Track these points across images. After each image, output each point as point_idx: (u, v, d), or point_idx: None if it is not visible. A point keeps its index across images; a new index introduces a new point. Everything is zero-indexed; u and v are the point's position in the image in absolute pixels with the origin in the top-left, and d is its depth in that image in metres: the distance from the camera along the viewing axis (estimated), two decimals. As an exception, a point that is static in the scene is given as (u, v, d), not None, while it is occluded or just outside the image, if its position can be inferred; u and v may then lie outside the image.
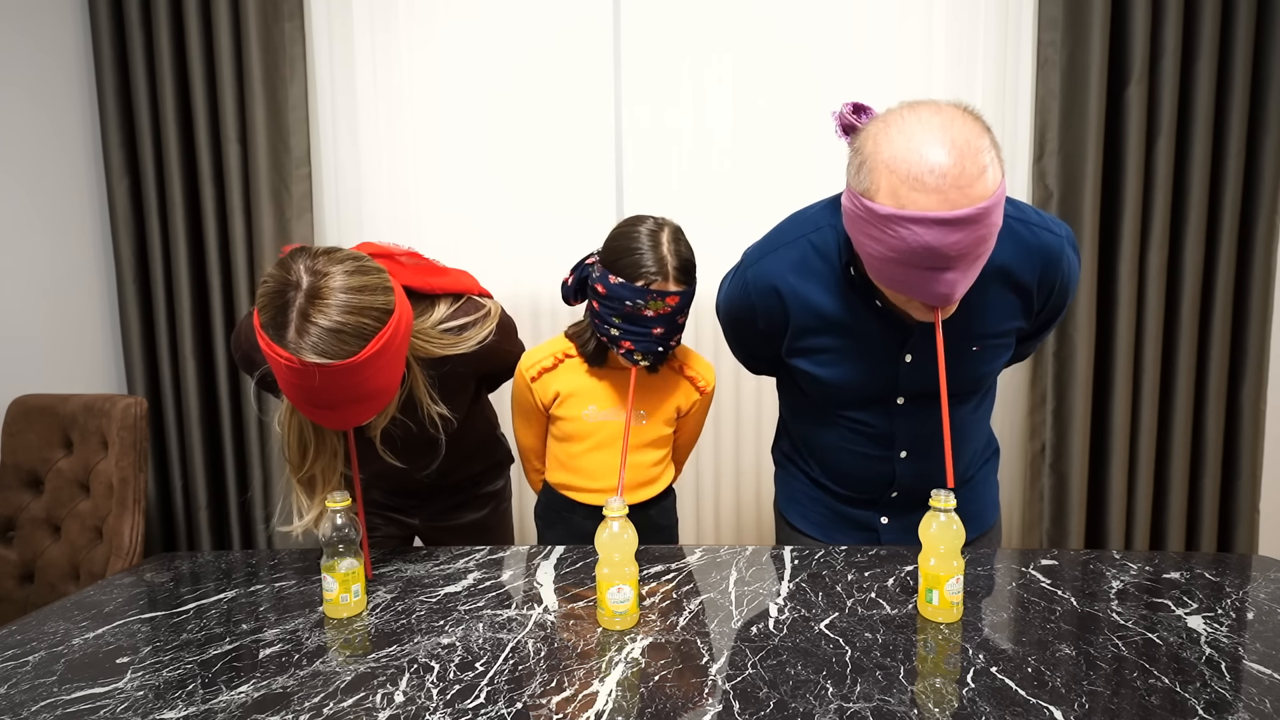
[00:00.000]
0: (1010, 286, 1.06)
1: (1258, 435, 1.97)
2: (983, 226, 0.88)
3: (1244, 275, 1.93)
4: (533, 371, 1.39)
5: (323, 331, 0.92)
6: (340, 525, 1.02)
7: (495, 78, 2.03)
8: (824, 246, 1.09)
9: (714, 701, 0.81)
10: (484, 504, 1.46)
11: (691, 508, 2.18)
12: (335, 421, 1.02)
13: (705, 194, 2.04)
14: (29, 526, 1.72)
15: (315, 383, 0.94)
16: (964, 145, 0.85)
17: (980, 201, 0.86)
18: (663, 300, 1.23)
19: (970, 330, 1.07)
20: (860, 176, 0.92)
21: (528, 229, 2.07)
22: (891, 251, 0.91)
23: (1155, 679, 0.83)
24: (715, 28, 1.99)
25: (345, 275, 0.96)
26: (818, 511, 1.30)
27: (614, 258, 1.26)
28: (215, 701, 0.84)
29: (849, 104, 1.02)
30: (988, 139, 0.88)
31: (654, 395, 1.40)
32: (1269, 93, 1.83)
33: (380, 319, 0.97)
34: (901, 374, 1.11)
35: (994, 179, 0.87)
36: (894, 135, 0.88)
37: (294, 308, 0.92)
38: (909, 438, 1.16)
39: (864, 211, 0.91)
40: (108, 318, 2.12)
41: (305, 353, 0.92)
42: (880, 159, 0.88)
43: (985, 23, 1.95)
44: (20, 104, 1.89)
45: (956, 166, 0.85)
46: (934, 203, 0.86)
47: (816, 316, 1.10)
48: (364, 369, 0.96)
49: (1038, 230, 1.05)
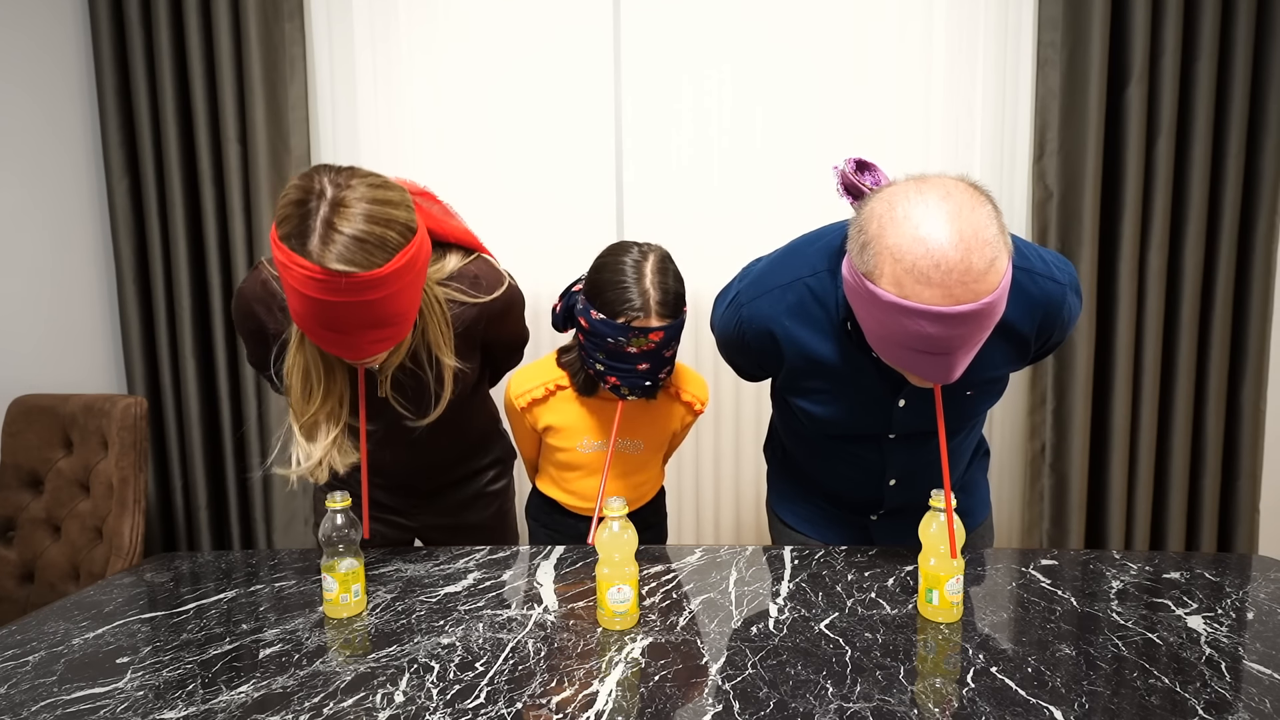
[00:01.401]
0: (1007, 338, 1.04)
1: (1258, 435, 1.97)
2: (987, 318, 0.86)
3: (1244, 275, 1.93)
4: (523, 401, 1.36)
5: (348, 239, 0.89)
6: (340, 525, 1.02)
7: (495, 79, 2.03)
8: (821, 294, 1.05)
9: (714, 701, 0.81)
10: (488, 504, 1.44)
11: (691, 508, 2.18)
12: (349, 350, 0.98)
13: (705, 196, 2.05)
14: (29, 526, 1.72)
15: (335, 297, 0.91)
16: (971, 238, 0.82)
17: (985, 296, 0.84)
18: (645, 337, 1.18)
19: (965, 378, 1.05)
20: (864, 257, 0.88)
21: (528, 230, 2.07)
22: (892, 335, 0.89)
23: (1155, 679, 0.83)
24: (715, 28, 1.99)
25: (369, 188, 0.93)
26: (809, 509, 1.31)
27: (595, 291, 1.21)
28: (215, 701, 0.84)
29: (851, 161, 0.99)
30: (995, 226, 0.85)
31: (649, 423, 1.37)
32: (1269, 93, 1.83)
33: (404, 235, 0.94)
34: (895, 416, 1.10)
35: (1000, 269, 0.84)
36: (900, 221, 0.85)
37: (317, 215, 0.89)
38: (899, 468, 1.16)
39: (865, 292, 0.89)
40: (108, 318, 2.12)
41: (330, 260, 0.88)
42: (884, 244, 0.85)
43: (985, 23, 1.95)
44: (20, 104, 1.89)
45: (963, 262, 0.82)
46: (938, 297, 0.83)
47: (811, 362, 1.08)
48: (387, 284, 0.93)
49: (1041, 280, 1.02)
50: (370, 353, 0.99)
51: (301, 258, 0.90)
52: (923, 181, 0.88)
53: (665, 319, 1.20)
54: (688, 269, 2.01)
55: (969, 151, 1.99)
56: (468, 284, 1.15)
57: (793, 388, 1.14)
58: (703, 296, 2.06)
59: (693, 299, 2.06)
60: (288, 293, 0.95)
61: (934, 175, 0.89)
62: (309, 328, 0.96)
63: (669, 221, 2.05)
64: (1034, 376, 2.00)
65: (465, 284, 1.14)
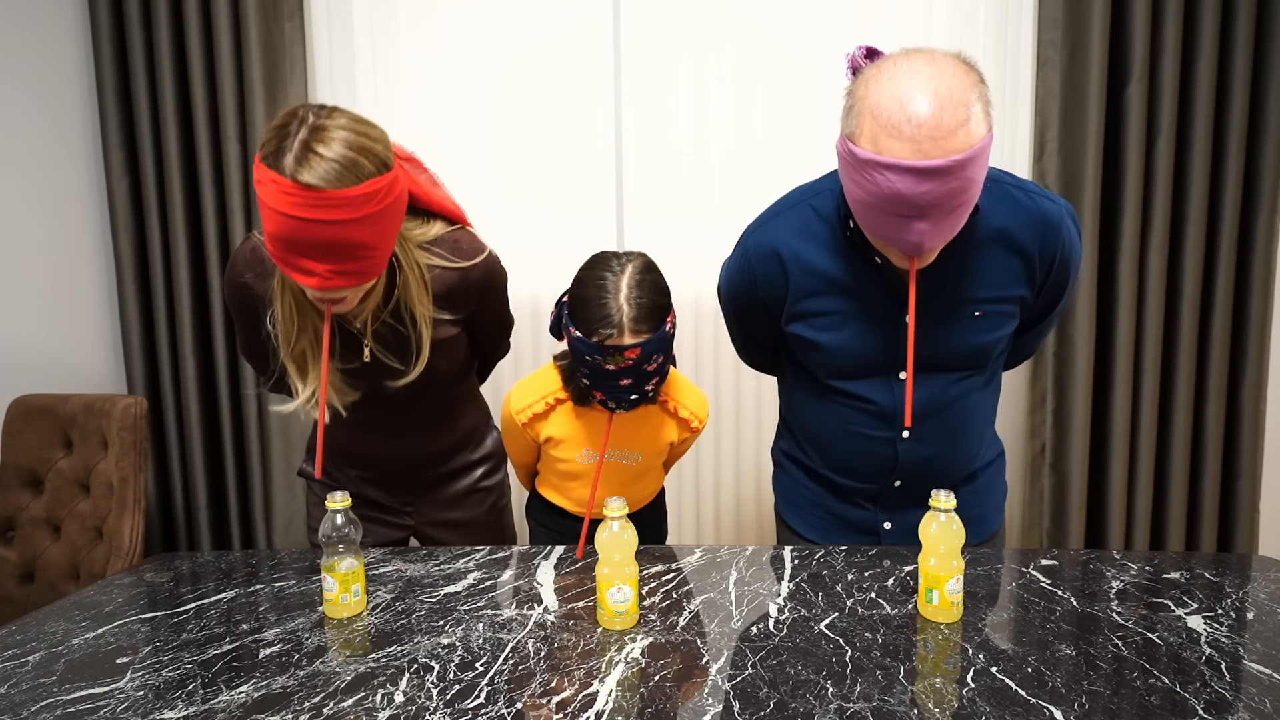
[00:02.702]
0: (1009, 250, 1.07)
1: (1258, 435, 1.97)
2: (956, 179, 0.88)
3: (1244, 275, 1.93)
4: (524, 416, 1.34)
5: (320, 160, 0.94)
6: (340, 525, 1.02)
7: (495, 78, 2.03)
8: (824, 210, 1.10)
9: (714, 701, 0.81)
10: (481, 501, 1.44)
11: (691, 508, 2.18)
12: (309, 277, 1.00)
13: (705, 196, 2.04)
14: (29, 526, 1.72)
15: (301, 213, 0.94)
16: (946, 97, 0.86)
17: (955, 154, 0.87)
18: (621, 354, 1.16)
19: (970, 294, 1.07)
20: (849, 119, 0.94)
21: (528, 229, 2.07)
22: (868, 195, 0.93)
23: (1155, 679, 0.83)
24: (715, 28, 1.99)
25: (350, 120, 0.99)
26: (818, 515, 1.29)
27: (573, 307, 1.20)
28: (215, 701, 0.84)
29: (862, 47, 1.02)
30: (976, 92, 0.89)
31: (646, 437, 1.36)
32: (1269, 92, 1.83)
33: (378, 168, 0.98)
34: (904, 338, 1.10)
35: (975, 133, 0.88)
36: (883, 81, 0.90)
37: (296, 137, 0.94)
38: (914, 414, 1.13)
39: (847, 153, 0.94)
40: (108, 318, 2.13)
41: (302, 174, 0.93)
42: (866, 104, 0.91)
43: (985, 23, 1.95)
44: (21, 104, 1.90)
45: (934, 118, 0.86)
46: (907, 151, 0.87)
47: (817, 278, 1.11)
48: (352, 207, 0.95)
49: (1037, 198, 1.07)
50: (328, 285, 1.01)
51: (275, 172, 0.94)
52: (914, 50, 0.93)
53: (641, 335, 1.16)
54: (688, 269, 2.03)
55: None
56: (448, 249, 1.18)
57: (799, 315, 1.15)
58: (703, 297, 2.06)
59: (693, 299, 2.06)
60: (263, 214, 0.98)
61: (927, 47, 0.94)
62: (275, 251, 0.99)
63: (669, 221, 2.05)
64: (1034, 376, 2.00)
65: (446, 249, 1.18)
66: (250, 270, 1.17)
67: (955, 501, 0.96)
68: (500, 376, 2.11)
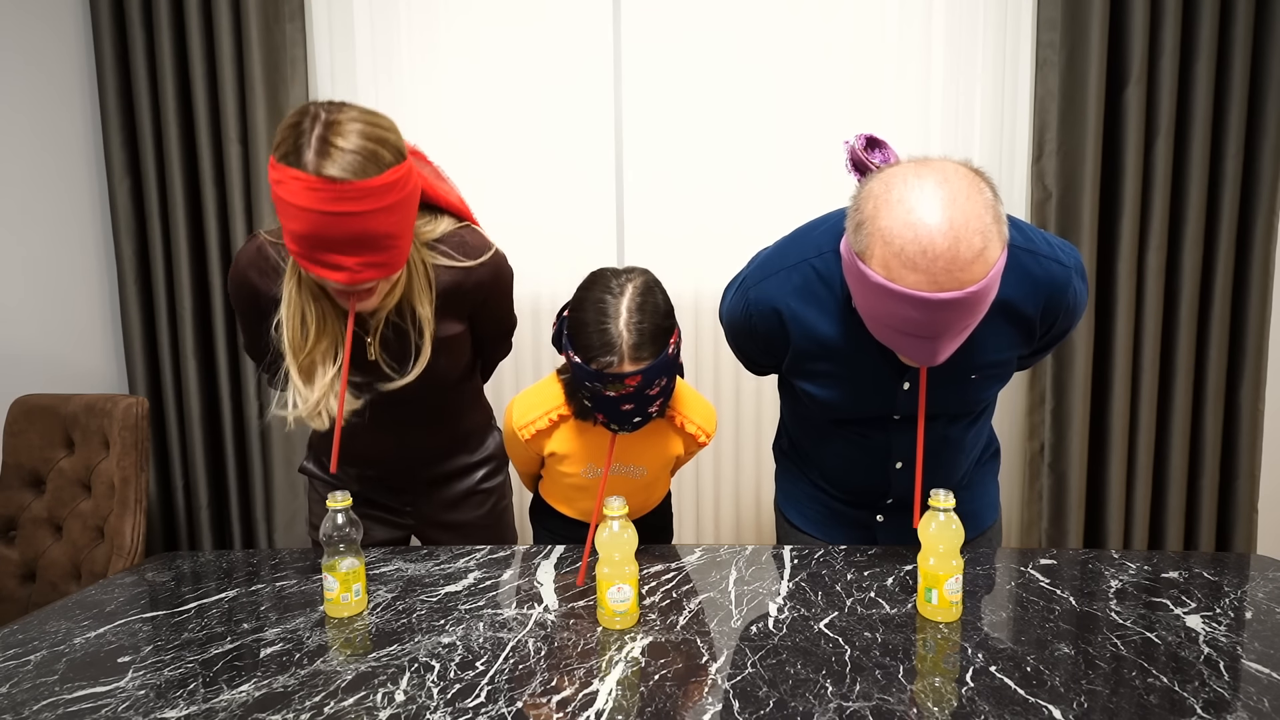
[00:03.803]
0: (1011, 320, 1.05)
1: (1256, 435, 1.97)
2: (971, 307, 0.87)
3: (1242, 275, 1.93)
4: (527, 432, 1.29)
5: (341, 152, 0.93)
6: (340, 525, 1.02)
7: (495, 78, 2.04)
8: (827, 273, 1.07)
9: (714, 700, 0.82)
10: (482, 502, 1.43)
11: (691, 508, 2.18)
12: (341, 273, 0.99)
13: (706, 197, 2.05)
14: (30, 526, 1.72)
15: (331, 207, 0.94)
16: (962, 226, 0.83)
17: (971, 285, 0.84)
18: (621, 382, 1.11)
19: (969, 361, 1.06)
20: (858, 237, 0.90)
21: (528, 229, 2.07)
22: (878, 314, 0.91)
23: (1154, 678, 0.83)
24: (715, 28, 1.99)
25: (361, 112, 0.98)
26: (815, 510, 1.31)
27: (572, 329, 1.15)
28: (216, 700, 0.84)
29: (861, 137, 1.00)
30: (991, 215, 0.85)
31: (652, 452, 1.34)
32: (1268, 93, 1.84)
33: (396, 156, 0.99)
34: (900, 399, 1.11)
35: (990, 259, 0.85)
36: (893, 203, 0.86)
37: (312, 133, 0.94)
38: (905, 450, 1.16)
39: (856, 272, 0.91)
40: (109, 318, 2.13)
41: (326, 168, 0.92)
42: (877, 226, 0.87)
43: (985, 23, 1.95)
44: (22, 104, 1.90)
45: (950, 250, 0.82)
46: (922, 283, 0.84)
47: (817, 343, 1.09)
48: (379, 196, 0.96)
49: (1045, 262, 1.03)
50: (360, 277, 1.01)
51: (298, 169, 0.93)
52: (923, 165, 0.89)
53: (642, 362, 1.11)
54: (688, 269, 2.03)
55: (968, 152, 2.00)
56: (455, 247, 1.18)
57: (799, 370, 1.14)
58: (704, 297, 2.06)
59: (693, 299, 2.06)
60: (284, 215, 0.97)
61: (936, 159, 0.90)
62: (300, 250, 0.99)
63: (669, 221, 2.06)
64: (1033, 376, 2.01)
65: (453, 247, 1.18)
66: (255, 269, 1.16)
67: (954, 501, 0.97)
68: (501, 378, 2.11)
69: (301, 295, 1.11)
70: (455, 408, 1.34)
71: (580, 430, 1.29)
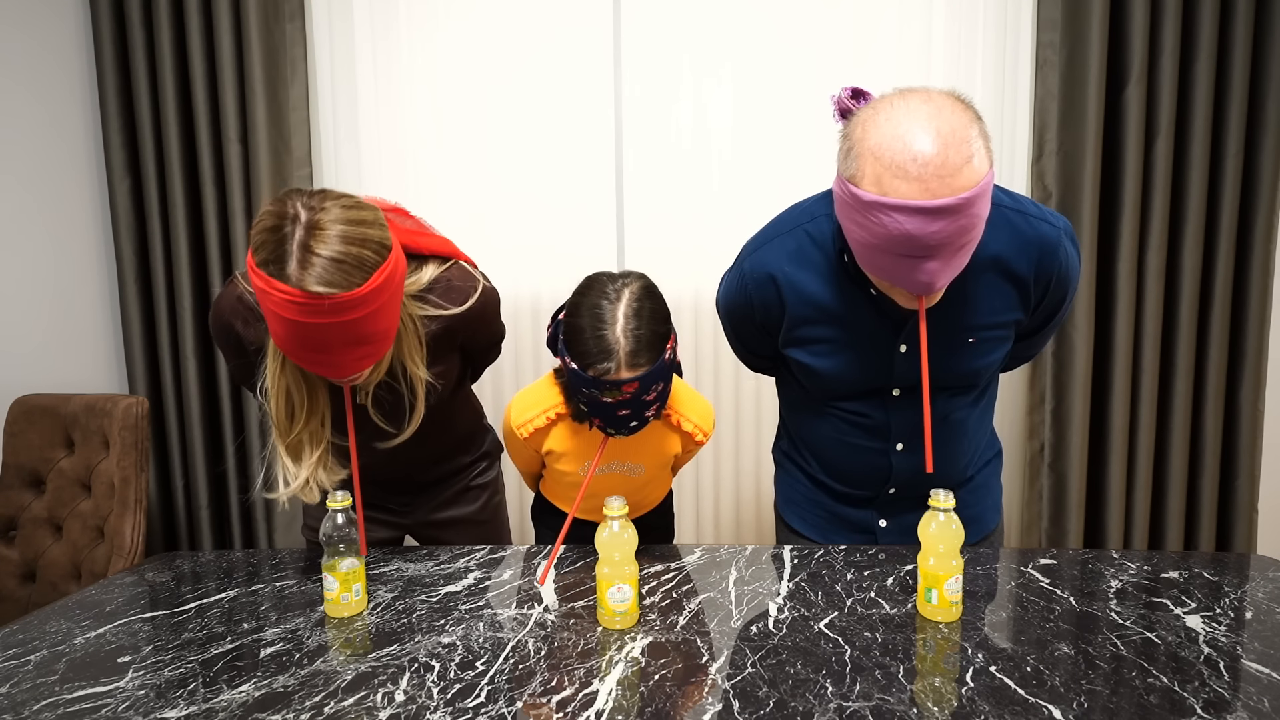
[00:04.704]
0: (1005, 277, 1.06)
1: (1256, 435, 1.97)
2: (964, 216, 0.88)
3: (1242, 275, 1.93)
4: (525, 431, 1.29)
5: (325, 261, 0.90)
6: (340, 525, 1.02)
7: (495, 78, 2.04)
8: (819, 236, 1.09)
9: (714, 700, 0.82)
10: (475, 497, 1.44)
11: (691, 508, 2.18)
12: (332, 369, 0.99)
13: (705, 194, 2.05)
14: (31, 526, 1.72)
15: (317, 319, 0.92)
16: (949, 135, 0.86)
17: (962, 192, 0.86)
18: (618, 389, 1.10)
19: (965, 321, 1.07)
20: (848, 162, 0.93)
21: (528, 229, 2.08)
22: (874, 238, 0.92)
23: (1154, 678, 0.83)
24: (715, 28, 1.99)
25: (342, 209, 0.95)
26: (815, 513, 1.30)
27: (568, 334, 1.14)
28: (216, 700, 0.84)
29: (847, 89, 1.02)
30: (976, 129, 0.89)
31: (650, 451, 1.33)
32: (1267, 93, 1.84)
33: (380, 253, 0.96)
34: (896, 364, 1.11)
35: (979, 169, 0.87)
36: (881, 122, 0.89)
37: (294, 240, 0.91)
38: (905, 430, 1.16)
39: (849, 197, 0.92)
40: (109, 318, 2.13)
41: (309, 283, 0.90)
42: (866, 145, 0.90)
43: (984, 23, 1.95)
44: (22, 104, 1.90)
45: (939, 156, 0.85)
46: (915, 191, 0.86)
47: (812, 306, 1.10)
48: (367, 303, 0.94)
49: (1035, 221, 1.06)
50: (354, 370, 1.01)
51: (281, 282, 0.90)
52: (907, 90, 0.93)
53: (639, 369, 1.09)
54: (688, 268, 2.03)
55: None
56: (442, 294, 1.15)
57: (795, 340, 1.15)
58: (704, 294, 2.06)
59: (693, 298, 2.06)
60: (268, 318, 0.96)
61: (919, 86, 0.93)
62: (291, 350, 0.97)
63: (669, 221, 2.06)
64: (1033, 377, 2.01)
65: (439, 294, 1.15)
66: (237, 318, 1.13)
67: (955, 501, 0.97)
68: (501, 378, 2.11)
69: (285, 375, 1.08)
70: (449, 418, 1.35)
71: (577, 429, 1.29)
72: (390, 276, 0.97)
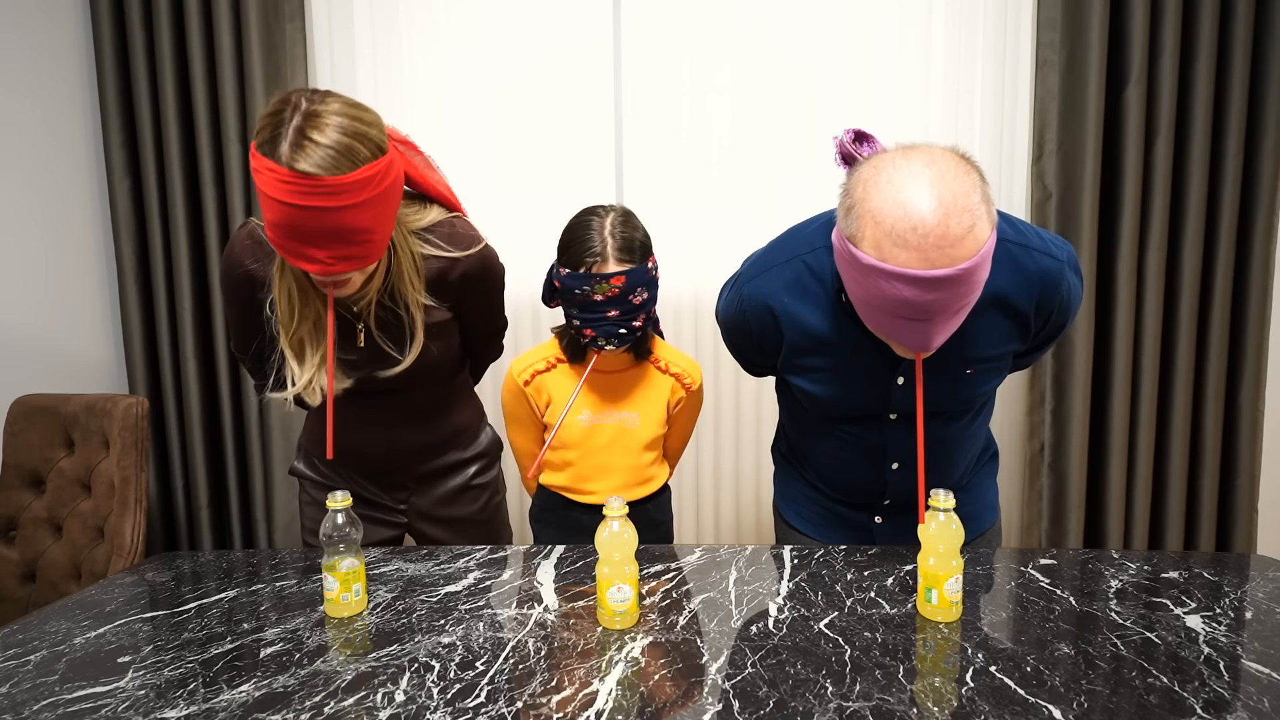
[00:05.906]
0: (1005, 312, 1.05)
1: (1256, 435, 1.97)
2: (963, 285, 0.87)
3: (1242, 275, 1.93)
4: (525, 375, 1.40)
5: (316, 146, 0.94)
6: (340, 525, 1.02)
7: (496, 78, 2.04)
8: (819, 268, 1.08)
9: (714, 700, 0.82)
10: (475, 497, 1.44)
11: (691, 507, 2.18)
12: (310, 263, 1.01)
13: (705, 194, 2.05)
14: (31, 526, 1.72)
15: (299, 200, 0.95)
16: (951, 204, 0.84)
17: (962, 261, 0.85)
18: (607, 282, 1.24)
19: (963, 354, 1.06)
20: (848, 220, 0.91)
21: (528, 229, 2.07)
22: (872, 298, 0.91)
23: (1154, 678, 0.83)
24: (715, 28, 1.99)
25: (344, 105, 0.99)
26: (814, 511, 1.31)
27: (561, 250, 1.29)
28: (216, 700, 0.84)
29: (850, 131, 1.01)
30: (979, 193, 0.86)
31: (642, 396, 1.40)
32: (1267, 93, 1.84)
33: (374, 152, 0.99)
34: (893, 394, 1.11)
35: (980, 237, 0.85)
36: (883, 185, 0.87)
37: (290, 124, 0.95)
38: (901, 451, 1.16)
39: (849, 255, 0.91)
40: (109, 318, 2.13)
41: (298, 162, 0.93)
42: (867, 207, 0.88)
43: (984, 23, 1.95)
44: (21, 105, 1.90)
45: (940, 226, 0.83)
46: (914, 260, 0.85)
47: (810, 338, 1.10)
48: (349, 193, 0.96)
49: (1037, 255, 1.03)
50: (332, 270, 1.02)
51: (272, 161, 0.94)
52: (910, 149, 0.90)
53: (625, 263, 1.25)
54: (688, 267, 2.03)
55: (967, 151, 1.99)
56: (443, 237, 1.20)
57: (793, 367, 1.14)
58: (703, 294, 2.06)
59: (693, 298, 2.07)
60: (261, 202, 0.99)
61: (923, 144, 0.91)
62: (277, 238, 1.00)
63: (669, 220, 2.06)
64: (1033, 377, 2.01)
65: (441, 237, 1.19)
66: (250, 255, 1.18)
67: (954, 501, 0.97)
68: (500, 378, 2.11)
69: (285, 276, 1.13)
70: (446, 401, 1.36)
71: (573, 378, 1.39)
72: (379, 177, 1.00)
